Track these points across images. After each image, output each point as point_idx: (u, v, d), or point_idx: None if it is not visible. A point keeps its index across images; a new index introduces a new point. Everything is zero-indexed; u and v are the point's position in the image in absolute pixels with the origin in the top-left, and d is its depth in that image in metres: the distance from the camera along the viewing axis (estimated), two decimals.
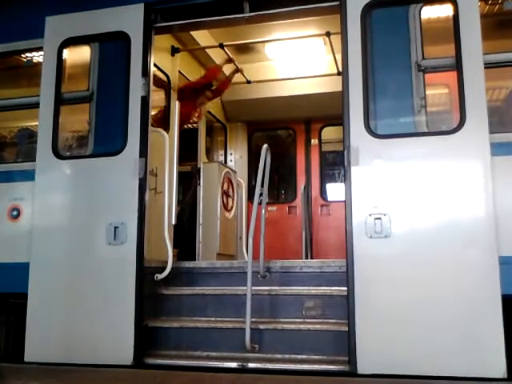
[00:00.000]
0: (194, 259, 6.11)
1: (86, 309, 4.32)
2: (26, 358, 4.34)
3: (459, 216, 3.73)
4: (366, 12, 4.16)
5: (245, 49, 6.88)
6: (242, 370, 3.97)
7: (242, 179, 7.41)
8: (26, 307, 4.42)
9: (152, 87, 4.67)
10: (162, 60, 5.58)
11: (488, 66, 3.89)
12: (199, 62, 6.74)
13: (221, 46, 6.36)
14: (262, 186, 4.62)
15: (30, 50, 5.26)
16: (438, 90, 4.86)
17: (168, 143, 4.95)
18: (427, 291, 3.68)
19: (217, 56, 6.69)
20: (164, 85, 5.81)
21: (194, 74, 6.65)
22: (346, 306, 3.85)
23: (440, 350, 3.59)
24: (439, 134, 3.95)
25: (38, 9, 5.00)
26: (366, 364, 3.70)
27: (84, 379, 3.63)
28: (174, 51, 5.97)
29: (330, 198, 7.79)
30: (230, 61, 6.47)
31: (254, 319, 4.07)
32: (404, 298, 3.72)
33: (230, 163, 7.71)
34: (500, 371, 3.47)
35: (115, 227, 4.34)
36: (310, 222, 7.51)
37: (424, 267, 3.72)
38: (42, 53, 4.94)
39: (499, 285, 3.56)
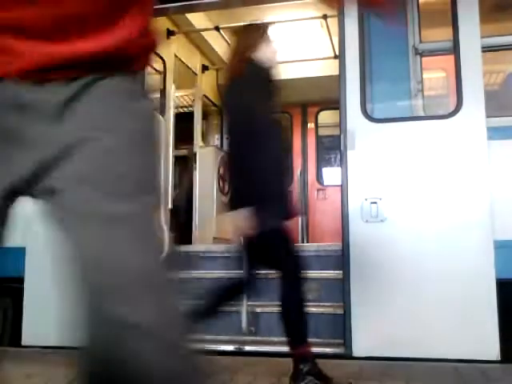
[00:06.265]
0: (191, 243, 6.11)
1: None
2: (24, 342, 4.37)
3: (455, 200, 3.74)
4: None
5: None
6: (239, 353, 4.00)
7: None
8: (23, 291, 4.44)
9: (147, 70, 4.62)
10: None
11: (486, 49, 3.87)
12: (195, 45, 6.67)
13: (217, 28, 6.29)
14: None
15: None
16: (435, 74, 4.84)
17: (164, 127, 4.92)
18: (422, 276, 3.70)
19: (213, 39, 6.62)
20: None
21: (190, 57, 6.59)
22: (341, 290, 3.87)
23: (435, 333, 3.62)
24: (436, 118, 3.95)
25: None
26: (361, 347, 3.73)
27: None
28: (169, 34, 5.90)
29: (326, 183, 7.77)
30: None
31: (250, 302, 4.09)
32: (399, 282, 3.74)
33: (226, 147, 7.66)
34: (494, 354, 3.51)
35: None
36: (306, 206, 7.51)
37: (419, 252, 3.74)
38: None
39: (494, 269, 3.59)
